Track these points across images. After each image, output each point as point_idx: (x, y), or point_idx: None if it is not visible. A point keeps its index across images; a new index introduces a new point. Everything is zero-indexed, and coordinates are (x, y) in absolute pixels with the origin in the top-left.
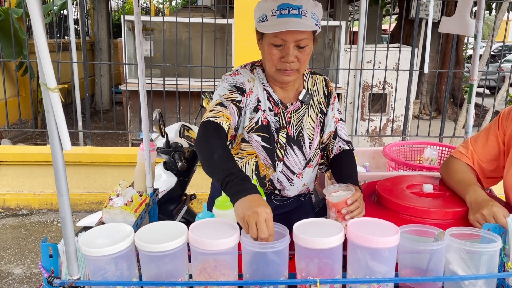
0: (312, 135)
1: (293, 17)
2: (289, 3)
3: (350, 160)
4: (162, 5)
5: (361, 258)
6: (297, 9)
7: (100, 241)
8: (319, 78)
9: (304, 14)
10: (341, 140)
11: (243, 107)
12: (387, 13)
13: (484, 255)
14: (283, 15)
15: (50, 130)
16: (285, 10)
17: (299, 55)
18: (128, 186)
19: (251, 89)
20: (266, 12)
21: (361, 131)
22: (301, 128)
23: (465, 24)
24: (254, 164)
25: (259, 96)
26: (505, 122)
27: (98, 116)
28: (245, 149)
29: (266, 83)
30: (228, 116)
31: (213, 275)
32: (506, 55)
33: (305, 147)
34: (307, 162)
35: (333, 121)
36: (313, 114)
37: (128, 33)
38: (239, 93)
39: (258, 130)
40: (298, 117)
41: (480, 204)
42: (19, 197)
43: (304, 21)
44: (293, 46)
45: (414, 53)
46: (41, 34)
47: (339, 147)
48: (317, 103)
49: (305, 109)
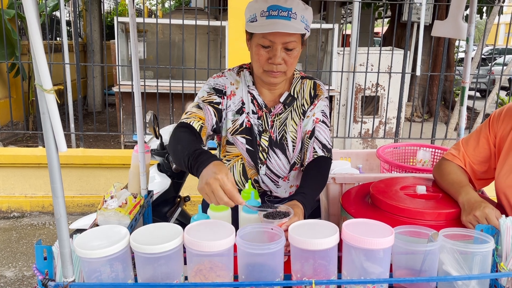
0: (295, 138)
1: (282, 19)
2: (279, 5)
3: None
4: (155, 7)
5: (356, 259)
6: (286, 11)
7: (95, 243)
8: (308, 81)
9: (293, 17)
10: (316, 141)
11: (223, 109)
12: (380, 16)
13: (477, 255)
14: (272, 16)
15: (46, 132)
16: (274, 12)
17: (286, 57)
18: (122, 188)
19: (234, 91)
20: (256, 13)
21: (354, 133)
22: (284, 131)
23: (457, 27)
24: (241, 166)
25: (243, 98)
26: (495, 124)
27: (90, 118)
28: (230, 151)
29: (251, 85)
30: (201, 117)
31: (209, 277)
32: (497, 58)
33: (288, 150)
34: (291, 165)
35: (311, 120)
36: (296, 117)
37: (121, 35)
38: (218, 95)
39: (242, 132)
40: (281, 120)
41: (473, 206)
42: (10, 199)
43: (292, 24)
44: (280, 48)
45: (406, 56)
46: (36, 35)
47: (313, 150)
48: (300, 106)
49: (288, 112)
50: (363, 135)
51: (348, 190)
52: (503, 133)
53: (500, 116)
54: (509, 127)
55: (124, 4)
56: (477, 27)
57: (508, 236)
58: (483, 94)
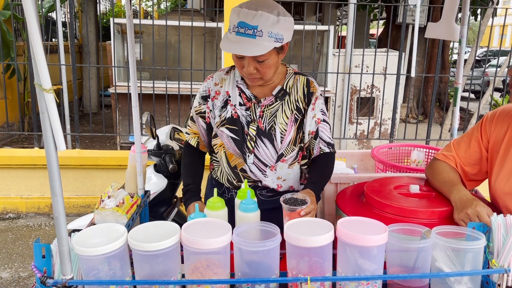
0: (284, 130)
1: (247, 37)
2: (246, 22)
3: (325, 163)
4: (151, 8)
5: (351, 256)
6: (252, 29)
7: (93, 241)
8: (301, 78)
9: (259, 35)
10: (321, 141)
11: (210, 111)
12: (375, 18)
13: (469, 252)
14: (240, 33)
15: (45, 131)
16: (242, 29)
17: (259, 67)
18: (119, 188)
19: (218, 91)
20: (230, 25)
21: (349, 134)
22: (274, 122)
23: (450, 29)
24: (224, 155)
25: (229, 92)
26: (488, 128)
27: (86, 119)
28: (216, 142)
29: (240, 81)
30: (195, 132)
31: (206, 274)
32: (491, 60)
33: (276, 141)
34: (279, 156)
35: (313, 121)
36: (288, 111)
37: (117, 36)
38: (204, 103)
39: (227, 123)
40: (272, 111)
41: (465, 204)
42: (6, 200)
43: (258, 42)
44: (251, 60)
45: (401, 57)
46: (36, 35)
47: (320, 148)
48: (293, 101)
49: (279, 105)
50: (359, 136)
51: (343, 190)
52: (496, 137)
53: (493, 120)
54: (502, 132)
55: (119, 5)
56: (471, 28)
57: (499, 233)
58: (478, 96)
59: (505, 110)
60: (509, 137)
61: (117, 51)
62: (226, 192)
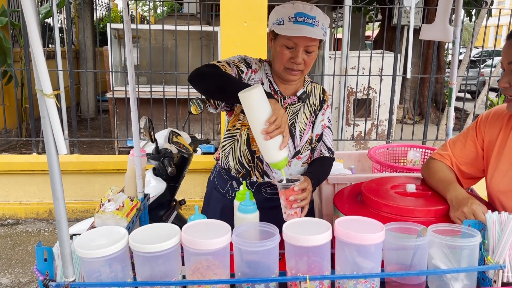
0: (303, 130)
1: (307, 25)
2: (305, 13)
3: (323, 163)
4: (147, 13)
5: (349, 255)
6: (311, 19)
7: (95, 243)
8: (317, 86)
9: (316, 24)
10: (323, 145)
11: (245, 78)
12: (370, 20)
13: (465, 249)
14: (299, 22)
15: (46, 135)
16: (301, 18)
17: (306, 58)
18: (119, 191)
19: (257, 69)
20: (283, 17)
21: (347, 136)
22: (295, 120)
23: (444, 30)
24: (246, 136)
25: (262, 79)
26: (483, 127)
27: (84, 124)
28: (242, 119)
29: (269, 73)
30: (230, 71)
31: (206, 275)
32: (486, 60)
33: (296, 137)
34: (296, 152)
35: (320, 125)
36: (307, 113)
37: (113, 41)
38: (246, 65)
39: None
40: (294, 110)
41: (461, 202)
42: (5, 206)
43: (315, 30)
44: (302, 50)
45: (397, 59)
46: (37, 40)
47: (320, 152)
48: (312, 104)
49: (300, 106)
50: (356, 138)
51: (341, 190)
52: (491, 137)
53: (487, 119)
54: (497, 131)
55: (116, 11)
56: (466, 29)
57: (494, 231)
58: (474, 96)
59: (498, 111)
60: (502, 137)
61: (114, 56)
62: (230, 191)
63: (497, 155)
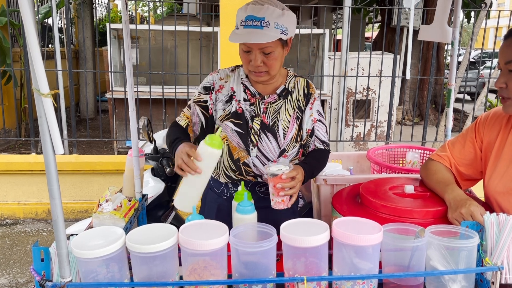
0: (287, 127)
1: (255, 28)
2: (253, 15)
3: (318, 156)
4: (147, 14)
5: (346, 256)
6: (259, 21)
7: (92, 244)
8: (301, 80)
9: (266, 25)
10: (317, 139)
11: (211, 104)
12: (370, 21)
13: (463, 251)
14: (248, 26)
15: (43, 135)
16: (249, 22)
17: (265, 59)
18: (117, 192)
19: (222, 85)
20: (238, 21)
21: (346, 137)
22: (277, 119)
23: (443, 31)
24: (227, 147)
25: (234, 88)
26: (481, 129)
27: (83, 124)
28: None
29: (245, 78)
30: (188, 116)
31: (203, 276)
32: (486, 62)
33: (279, 136)
34: (281, 151)
35: (310, 120)
36: (290, 109)
37: (113, 41)
38: (206, 93)
39: (232, 117)
40: (275, 108)
41: (459, 203)
42: (3, 206)
43: (265, 32)
44: (258, 52)
45: (396, 60)
46: (34, 40)
47: (315, 145)
48: (295, 100)
49: (282, 103)
50: (355, 139)
51: (339, 191)
52: (489, 138)
53: (486, 121)
54: (495, 133)
55: (116, 11)
56: (466, 31)
57: (492, 232)
58: (473, 97)
59: (497, 112)
60: (501, 138)
61: (113, 56)
62: (225, 191)
63: (495, 156)
